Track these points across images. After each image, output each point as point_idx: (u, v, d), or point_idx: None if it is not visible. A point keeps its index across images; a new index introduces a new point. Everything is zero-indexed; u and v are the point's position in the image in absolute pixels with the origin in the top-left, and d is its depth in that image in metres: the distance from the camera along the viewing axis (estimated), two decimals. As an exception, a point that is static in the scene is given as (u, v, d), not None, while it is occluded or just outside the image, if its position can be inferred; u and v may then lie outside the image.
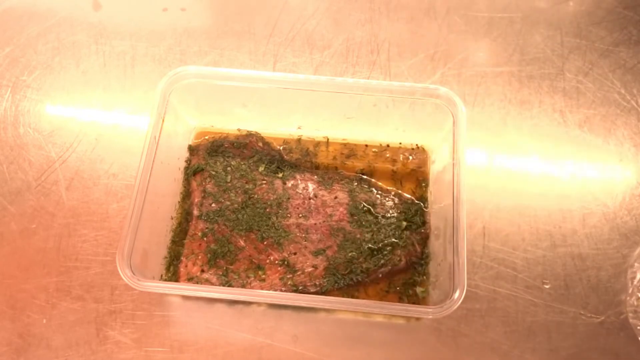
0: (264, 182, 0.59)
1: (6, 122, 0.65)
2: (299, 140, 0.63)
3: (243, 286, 0.53)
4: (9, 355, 0.52)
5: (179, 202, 0.59)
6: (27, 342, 0.53)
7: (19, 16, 0.73)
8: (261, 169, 0.59)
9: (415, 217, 0.57)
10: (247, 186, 0.58)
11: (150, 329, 0.54)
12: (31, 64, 0.69)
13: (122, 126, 0.65)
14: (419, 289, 0.54)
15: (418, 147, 0.62)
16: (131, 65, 0.69)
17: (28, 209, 0.59)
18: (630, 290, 0.55)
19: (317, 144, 0.62)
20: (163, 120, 0.54)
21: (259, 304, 0.55)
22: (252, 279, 0.54)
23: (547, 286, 0.56)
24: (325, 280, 0.54)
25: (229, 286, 0.53)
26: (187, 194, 0.59)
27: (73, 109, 0.66)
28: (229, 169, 0.59)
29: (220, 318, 0.54)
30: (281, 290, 0.53)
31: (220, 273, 0.54)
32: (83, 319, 0.54)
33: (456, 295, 0.46)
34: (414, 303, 0.53)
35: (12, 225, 0.58)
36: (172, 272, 0.55)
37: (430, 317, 0.46)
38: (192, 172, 0.60)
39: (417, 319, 0.54)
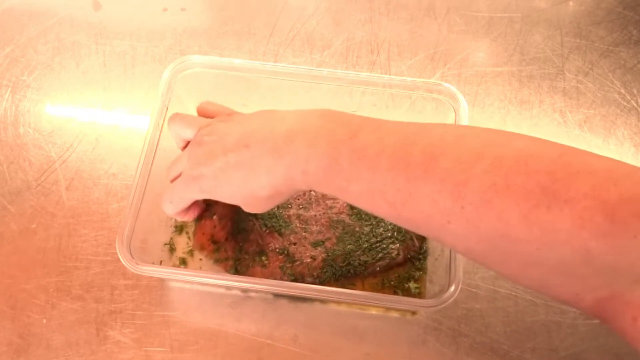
0: None
1: (6, 122, 0.65)
2: None
3: (247, 267, 0.54)
4: (9, 355, 0.52)
5: None
6: (27, 342, 0.53)
7: (19, 16, 0.73)
8: None
9: None
10: None
11: (150, 329, 0.54)
12: (31, 64, 0.69)
13: (122, 126, 0.65)
14: (412, 285, 0.55)
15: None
16: (131, 65, 0.69)
17: (28, 209, 0.59)
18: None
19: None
20: (167, 109, 0.55)
21: (258, 304, 0.55)
22: (256, 263, 0.54)
23: (547, 286, 0.56)
24: (322, 271, 0.54)
25: (238, 262, 0.54)
26: None
27: (73, 109, 0.66)
28: None
29: (220, 318, 0.54)
30: (280, 279, 0.53)
31: (237, 248, 0.54)
32: (83, 319, 0.54)
33: (452, 289, 0.47)
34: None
35: (12, 225, 0.58)
36: (174, 259, 0.55)
37: (425, 310, 0.46)
38: None
39: (413, 314, 0.54)
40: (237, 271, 0.54)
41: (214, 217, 0.55)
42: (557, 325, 0.54)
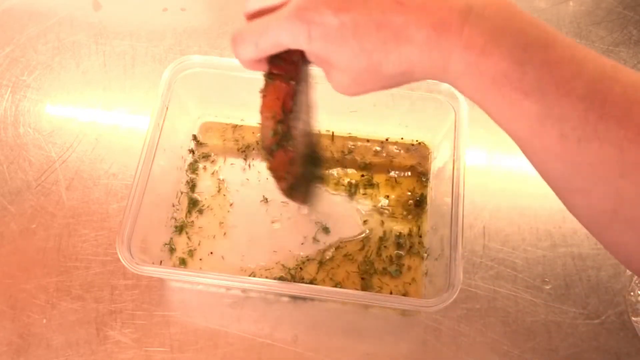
0: None
1: (6, 122, 0.65)
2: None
3: (278, 149, 0.46)
4: (9, 355, 0.52)
5: (181, 191, 0.60)
6: (27, 342, 0.53)
7: (19, 16, 0.73)
8: None
9: None
10: None
11: (150, 329, 0.54)
12: (31, 64, 0.69)
13: (122, 126, 0.65)
14: (392, 268, 0.56)
15: (419, 143, 0.62)
16: (131, 65, 0.69)
17: (28, 209, 0.59)
18: (629, 287, 0.55)
19: (319, 137, 0.63)
20: (167, 109, 0.55)
21: (258, 304, 0.55)
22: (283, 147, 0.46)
23: (547, 286, 0.56)
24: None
25: (279, 142, 0.46)
26: (192, 183, 0.61)
27: (73, 109, 0.66)
28: None
29: (220, 318, 0.54)
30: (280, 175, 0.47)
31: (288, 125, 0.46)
32: (83, 319, 0.54)
33: (452, 289, 0.47)
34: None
35: (12, 225, 0.58)
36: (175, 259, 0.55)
37: (425, 310, 0.46)
38: None
39: (413, 314, 0.54)
40: (272, 152, 0.45)
41: (292, 82, 0.44)
42: (557, 325, 0.54)
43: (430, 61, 0.32)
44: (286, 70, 0.42)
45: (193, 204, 0.59)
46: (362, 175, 0.61)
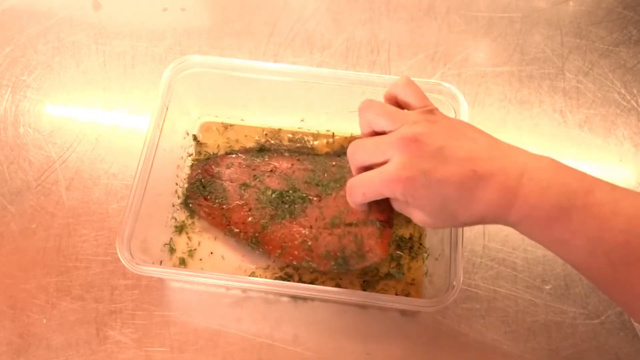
0: None
1: (6, 122, 0.65)
2: (299, 132, 0.63)
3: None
4: (9, 355, 0.52)
5: (181, 190, 0.60)
6: (27, 342, 0.53)
7: (19, 16, 0.73)
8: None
9: None
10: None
11: (150, 329, 0.54)
12: (31, 64, 0.69)
13: (122, 126, 0.65)
14: (395, 271, 0.56)
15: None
16: (131, 65, 0.69)
17: (28, 209, 0.59)
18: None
19: (317, 137, 0.63)
20: (167, 109, 0.55)
21: (258, 304, 0.55)
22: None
23: (547, 286, 0.56)
24: None
25: None
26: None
27: (73, 109, 0.66)
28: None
29: (220, 318, 0.54)
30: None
31: None
32: (83, 319, 0.54)
33: (452, 289, 0.47)
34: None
35: (12, 225, 0.58)
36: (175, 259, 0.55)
37: (425, 310, 0.46)
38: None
39: (413, 314, 0.54)
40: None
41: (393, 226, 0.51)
42: (557, 325, 0.54)
43: (495, 215, 0.40)
44: (388, 217, 0.50)
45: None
46: None
